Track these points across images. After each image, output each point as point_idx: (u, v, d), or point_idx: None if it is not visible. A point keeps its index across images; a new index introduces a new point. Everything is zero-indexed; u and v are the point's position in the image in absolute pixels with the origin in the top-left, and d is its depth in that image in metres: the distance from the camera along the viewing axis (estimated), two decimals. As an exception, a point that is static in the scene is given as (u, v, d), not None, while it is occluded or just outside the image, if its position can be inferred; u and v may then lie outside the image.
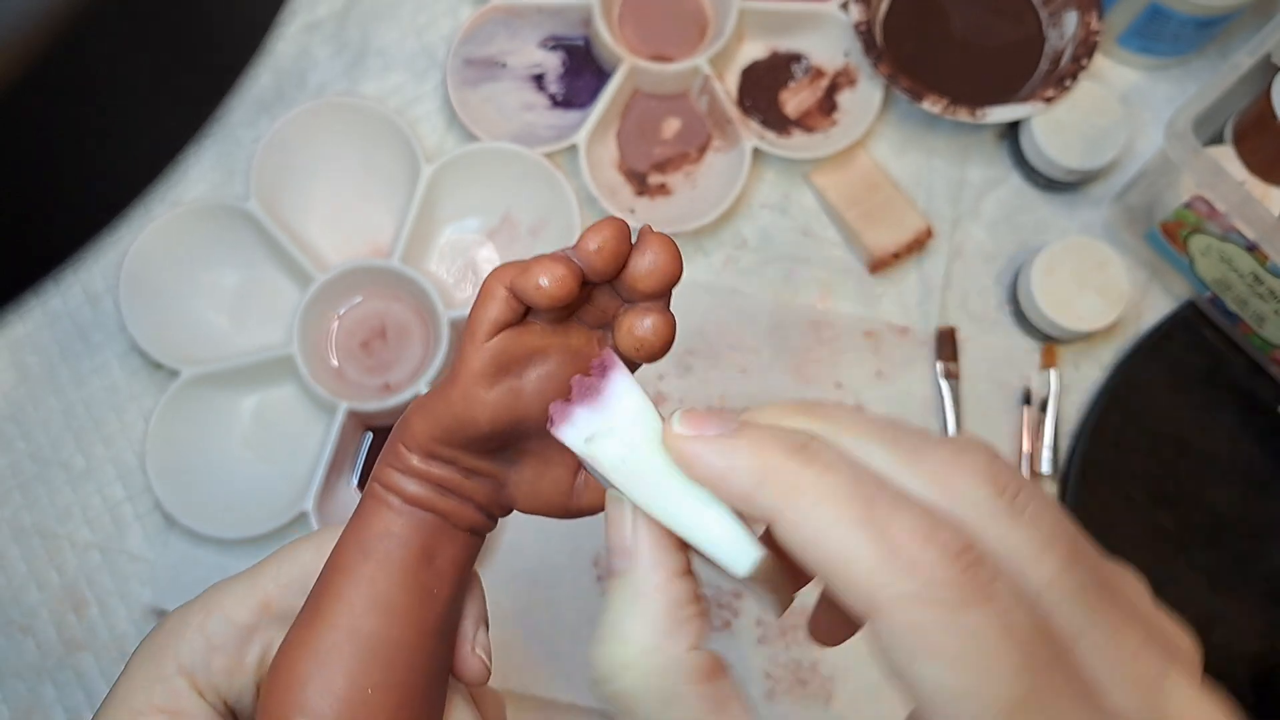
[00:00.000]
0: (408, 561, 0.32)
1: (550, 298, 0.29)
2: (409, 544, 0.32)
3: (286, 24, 0.71)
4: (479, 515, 0.33)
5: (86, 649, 0.62)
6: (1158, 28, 0.68)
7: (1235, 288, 0.62)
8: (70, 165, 0.17)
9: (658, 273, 0.29)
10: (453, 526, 0.33)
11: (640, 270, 0.29)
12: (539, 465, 0.33)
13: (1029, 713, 0.22)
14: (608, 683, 0.26)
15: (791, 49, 0.71)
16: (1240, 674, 0.62)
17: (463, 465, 0.32)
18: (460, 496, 0.33)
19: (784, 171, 0.69)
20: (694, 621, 0.26)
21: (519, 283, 0.29)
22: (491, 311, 0.30)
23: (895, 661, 0.23)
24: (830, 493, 0.24)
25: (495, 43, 0.70)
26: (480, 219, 0.68)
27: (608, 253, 0.29)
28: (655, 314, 0.30)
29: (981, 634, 0.22)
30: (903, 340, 0.66)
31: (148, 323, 0.64)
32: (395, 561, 0.32)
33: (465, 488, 0.33)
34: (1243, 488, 0.64)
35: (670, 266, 0.30)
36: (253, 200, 0.65)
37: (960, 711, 0.22)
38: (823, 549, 0.23)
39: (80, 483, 0.64)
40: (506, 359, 0.31)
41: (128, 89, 0.17)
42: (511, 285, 0.30)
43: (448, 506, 0.33)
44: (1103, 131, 0.66)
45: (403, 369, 0.65)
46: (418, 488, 0.32)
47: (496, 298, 0.30)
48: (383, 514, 0.33)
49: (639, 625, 0.26)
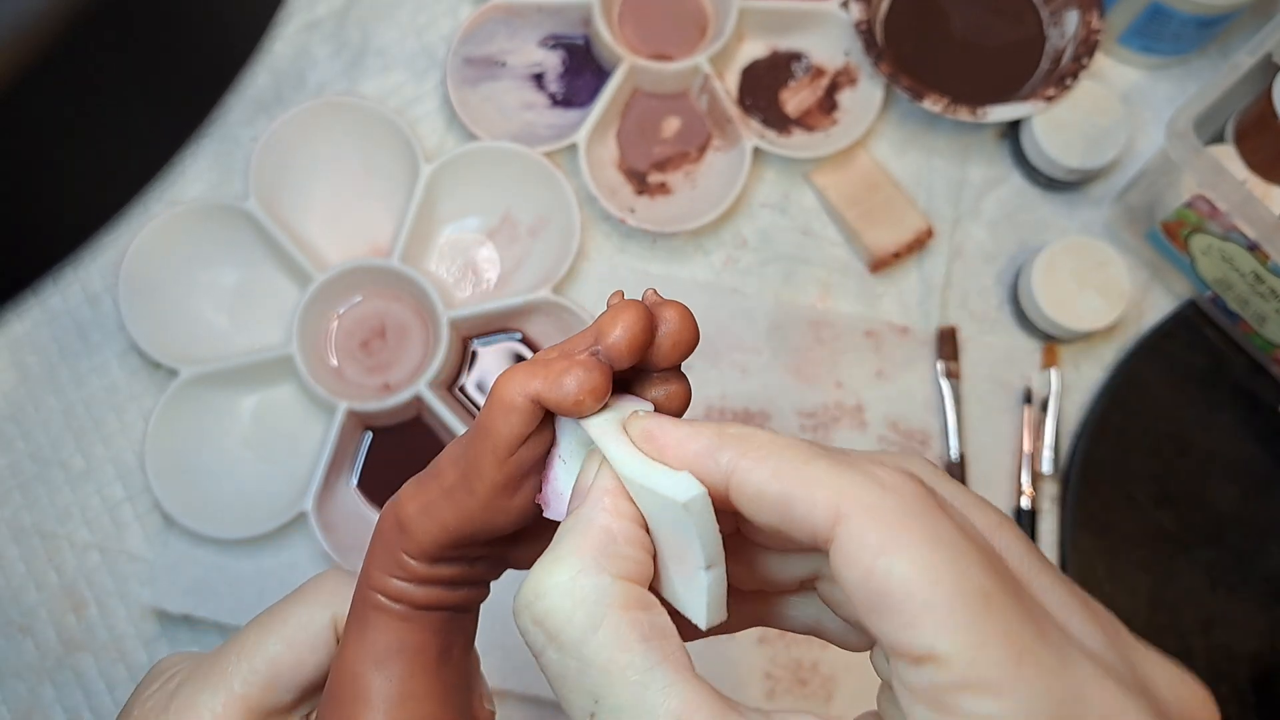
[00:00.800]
0: (428, 668, 0.31)
1: (585, 408, 0.27)
2: (426, 650, 0.31)
3: (285, 23, 0.71)
4: (483, 592, 0.33)
5: (86, 649, 0.61)
6: (1159, 27, 0.68)
7: (1236, 287, 0.62)
8: (69, 164, 0.17)
9: (680, 346, 0.28)
10: (461, 617, 0.32)
11: (662, 347, 0.28)
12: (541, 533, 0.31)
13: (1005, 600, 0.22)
14: (536, 601, 0.25)
15: (792, 48, 0.71)
16: (1240, 674, 0.62)
17: (468, 555, 0.31)
18: (469, 585, 0.32)
19: (784, 171, 0.69)
20: (634, 560, 0.25)
21: (549, 396, 0.27)
22: (515, 427, 0.28)
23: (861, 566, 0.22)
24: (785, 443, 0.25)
25: (495, 42, 0.70)
26: (480, 218, 0.67)
27: (637, 344, 0.27)
28: (675, 383, 0.29)
29: (947, 531, 0.22)
30: (903, 340, 0.66)
31: (147, 322, 0.64)
32: (416, 673, 0.31)
33: (471, 575, 0.32)
34: (1243, 487, 0.64)
35: (689, 338, 0.28)
36: (252, 200, 0.65)
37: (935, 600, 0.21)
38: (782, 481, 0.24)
39: (79, 483, 0.64)
40: (528, 467, 0.29)
41: (126, 88, 0.17)
42: (539, 398, 0.27)
43: (458, 598, 0.32)
44: (1103, 131, 0.66)
45: (402, 369, 0.65)
46: (427, 592, 0.31)
47: (519, 410, 0.28)
48: (392, 626, 0.31)
49: (574, 548, 0.25)
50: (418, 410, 0.64)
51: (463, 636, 0.33)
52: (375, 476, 0.64)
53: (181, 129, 0.18)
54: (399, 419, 0.64)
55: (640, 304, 0.28)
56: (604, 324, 0.27)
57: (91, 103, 0.16)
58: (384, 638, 0.31)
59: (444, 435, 0.63)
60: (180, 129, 0.18)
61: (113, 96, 0.17)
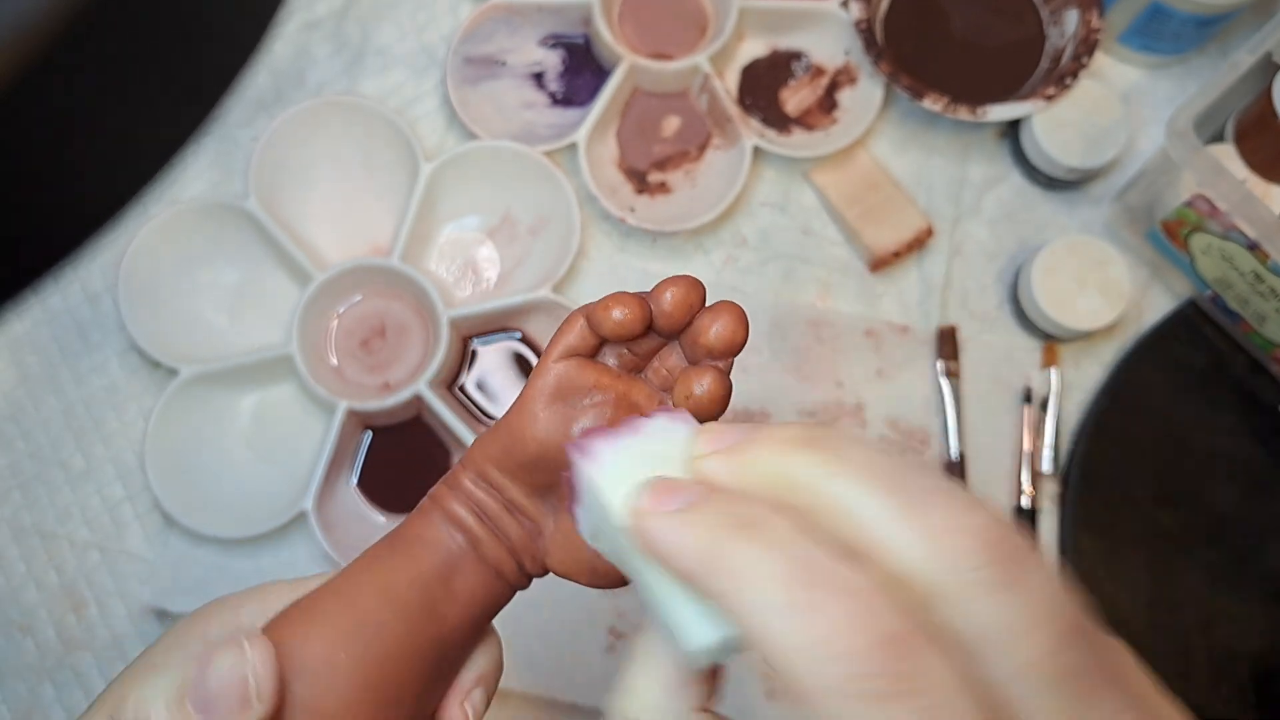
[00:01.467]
0: (426, 568, 0.34)
1: (620, 326, 0.32)
2: (434, 553, 0.34)
3: (285, 23, 0.71)
4: (509, 558, 0.35)
5: (85, 649, 0.61)
6: (1158, 26, 0.68)
7: (1236, 286, 0.62)
8: (69, 164, 0.17)
9: (724, 332, 0.32)
10: (479, 557, 0.34)
11: (707, 326, 0.32)
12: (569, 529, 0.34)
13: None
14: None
15: (792, 47, 0.71)
16: (1241, 673, 0.62)
17: (507, 497, 0.34)
18: (496, 528, 0.34)
19: (784, 170, 0.69)
20: (702, 684, 0.27)
21: (594, 313, 0.32)
22: (567, 337, 0.33)
23: None
24: (769, 574, 0.23)
25: (495, 41, 0.70)
26: (480, 217, 0.67)
27: (678, 300, 0.32)
28: (712, 374, 0.32)
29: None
30: (903, 339, 0.66)
31: (146, 321, 0.64)
32: (416, 562, 0.34)
33: (503, 521, 0.34)
34: (1244, 487, 0.64)
35: (736, 328, 0.32)
36: (252, 199, 0.65)
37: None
38: (759, 633, 0.22)
39: (79, 482, 0.64)
40: (569, 385, 0.33)
41: (126, 88, 0.17)
42: (588, 315, 0.32)
43: (480, 533, 0.34)
44: (1103, 130, 0.66)
45: (402, 368, 0.65)
46: (459, 507, 0.34)
47: (574, 326, 0.33)
48: (421, 522, 0.35)
49: (648, 681, 0.27)
50: (418, 409, 0.64)
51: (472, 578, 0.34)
52: (375, 476, 0.64)
53: (182, 128, 0.18)
54: (399, 418, 0.64)
55: (693, 279, 0.32)
56: (660, 283, 0.32)
57: (92, 102, 0.16)
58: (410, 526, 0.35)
59: (444, 434, 0.63)
60: (180, 128, 0.18)
61: (113, 96, 0.17)
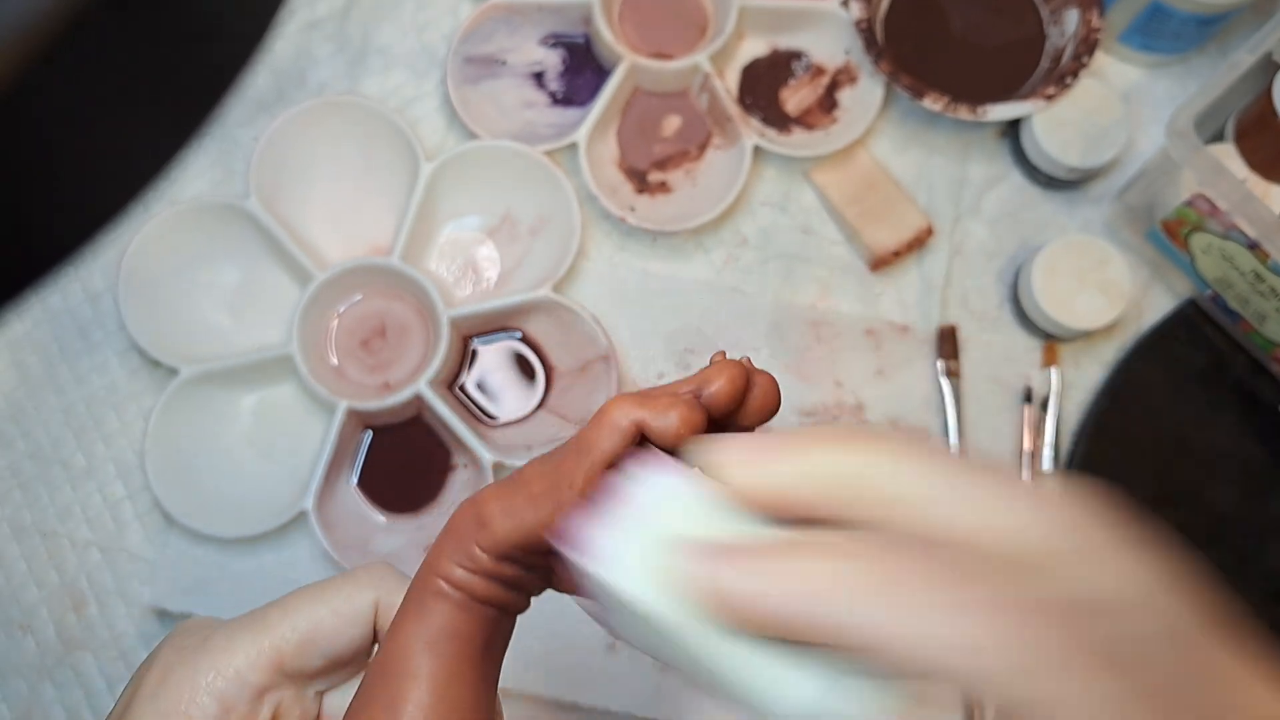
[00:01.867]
0: (474, 656, 0.33)
1: (679, 440, 0.31)
2: (475, 640, 0.33)
3: (286, 22, 0.71)
4: (527, 602, 0.35)
5: (86, 648, 0.62)
6: (1159, 25, 0.68)
7: (1236, 286, 0.62)
8: (69, 163, 0.17)
9: (765, 410, 0.32)
10: (508, 615, 0.34)
11: (750, 406, 0.32)
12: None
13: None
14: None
15: (792, 46, 0.71)
16: (1241, 672, 0.62)
17: (529, 563, 0.33)
18: (522, 589, 0.34)
19: (784, 169, 0.69)
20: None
21: (654, 424, 0.30)
22: (615, 444, 0.31)
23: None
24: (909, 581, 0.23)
25: (495, 40, 0.70)
26: (480, 217, 0.67)
27: (736, 394, 0.31)
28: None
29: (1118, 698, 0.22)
30: (903, 339, 0.66)
31: (147, 321, 0.64)
32: (465, 660, 0.33)
33: (526, 581, 0.34)
34: (1244, 487, 0.64)
35: (774, 405, 0.32)
36: (252, 198, 0.65)
37: None
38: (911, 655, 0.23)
39: (80, 481, 0.64)
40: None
41: (126, 87, 0.17)
42: (643, 424, 0.31)
43: (509, 599, 0.34)
44: (1104, 129, 0.66)
45: (402, 367, 0.65)
46: (488, 586, 0.33)
47: (621, 431, 0.31)
48: (449, 612, 0.33)
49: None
50: (418, 409, 0.64)
51: (502, 639, 0.35)
52: (375, 475, 0.64)
53: (182, 128, 0.18)
54: (399, 418, 0.64)
55: (740, 365, 0.32)
56: (710, 374, 0.31)
57: (92, 102, 0.16)
58: (440, 621, 0.33)
59: (444, 434, 0.63)
60: (181, 128, 0.18)
61: (113, 96, 0.17)
